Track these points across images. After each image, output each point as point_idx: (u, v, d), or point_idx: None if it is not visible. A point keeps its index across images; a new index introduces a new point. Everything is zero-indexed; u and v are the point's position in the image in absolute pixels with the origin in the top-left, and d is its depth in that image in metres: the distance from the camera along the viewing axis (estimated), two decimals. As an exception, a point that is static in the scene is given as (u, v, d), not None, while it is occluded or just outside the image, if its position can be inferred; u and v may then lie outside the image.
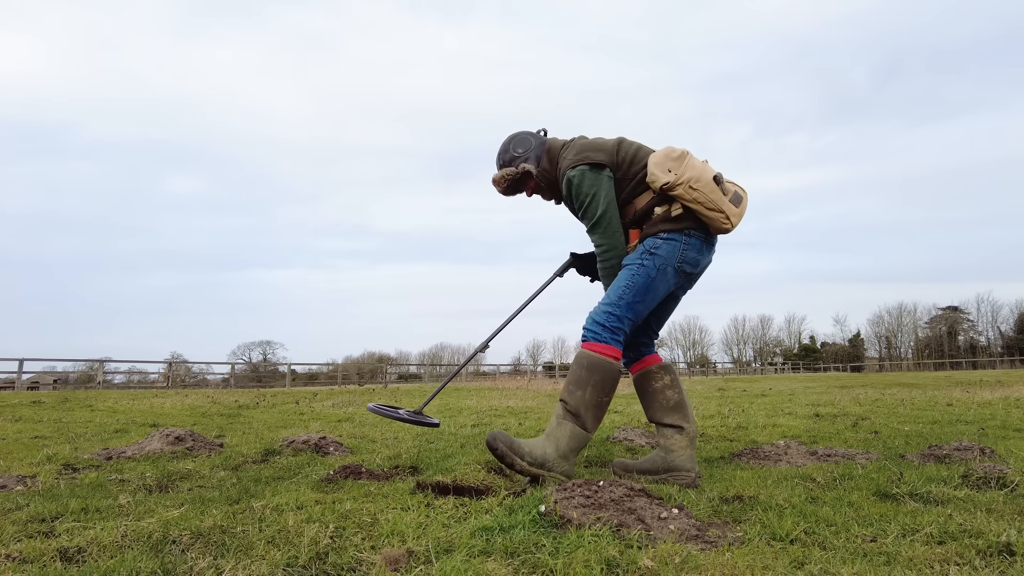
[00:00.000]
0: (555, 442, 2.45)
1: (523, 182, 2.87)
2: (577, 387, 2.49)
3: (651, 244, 2.58)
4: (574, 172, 2.63)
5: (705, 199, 2.52)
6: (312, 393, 12.72)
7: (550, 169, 2.80)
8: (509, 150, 2.85)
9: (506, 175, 2.83)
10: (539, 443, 2.46)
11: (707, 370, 53.24)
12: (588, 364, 2.51)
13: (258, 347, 57.53)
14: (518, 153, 2.83)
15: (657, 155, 2.60)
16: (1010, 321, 60.82)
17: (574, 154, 2.69)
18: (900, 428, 4.46)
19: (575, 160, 2.66)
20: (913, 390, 10.69)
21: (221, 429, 5.14)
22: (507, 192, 2.90)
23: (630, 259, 2.63)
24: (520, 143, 2.85)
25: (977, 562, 1.48)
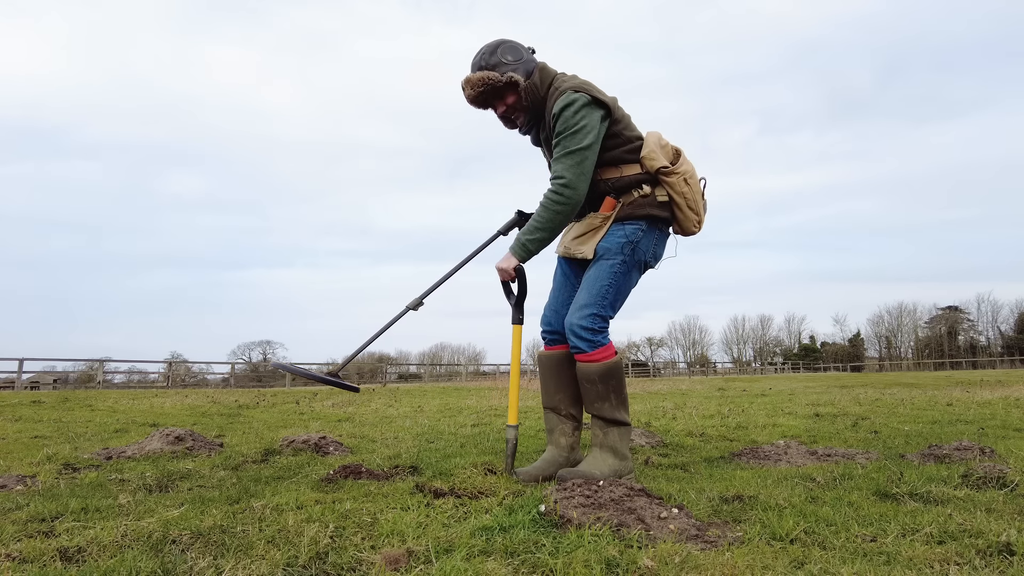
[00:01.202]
0: (611, 450, 2.47)
1: (500, 94, 2.53)
2: (602, 400, 2.48)
3: (632, 234, 2.51)
4: (576, 95, 2.42)
5: (692, 197, 2.54)
6: (312, 393, 12.72)
7: (540, 87, 2.53)
8: (496, 54, 2.52)
9: (487, 78, 2.47)
10: (597, 459, 2.45)
11: (707, 370, 53.25)
12: (599, 376, 2.47)
13: (258, 347, 57.57)
14: (507, 60, 2.51)
15: (655, 135, 2.57)
16: (1010, 321, 60.86)
17: (579, 82, 2.50)
18: (900, 428, 4.46)
19: (580, 86, 2.46)
20: (913, 390, 10.69)
21: (221, 429, 5.14)
22: (476, 100, 2.55)
23: (609, 251, 2.51)
24: (511, 51, 2.53)
25: (977, 562, 1.48)
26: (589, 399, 2.51)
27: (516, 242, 2.50)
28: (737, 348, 67.52)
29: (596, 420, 2.51)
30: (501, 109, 2.58)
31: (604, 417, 2.48)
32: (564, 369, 2.66)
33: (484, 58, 2.53)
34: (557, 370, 2.68)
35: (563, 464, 2.61)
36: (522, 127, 2.63)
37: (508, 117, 2.61)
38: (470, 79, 2.51)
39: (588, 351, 2.47)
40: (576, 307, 2.51)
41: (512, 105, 2.55)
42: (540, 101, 2.54)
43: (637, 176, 2.52)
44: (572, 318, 2.50)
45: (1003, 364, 51.72)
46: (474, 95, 2.53)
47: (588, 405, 2.52)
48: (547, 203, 2.43)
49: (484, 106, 2.60)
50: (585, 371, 2.49)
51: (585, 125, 2.40)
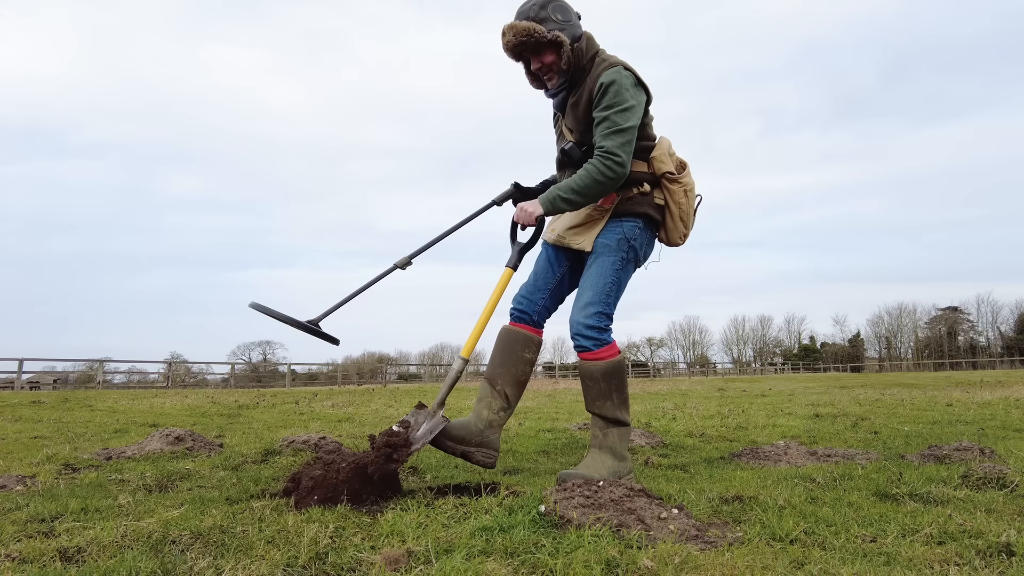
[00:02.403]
0: (610, 451, 2.45)
1: (540, 50, 2.44)
2: (604, 399, 2.47)
3: (630, 231, 2.52)
4: (627, 72, 2.42)
5: (686, 210, 2.59)
6: (312, 393, 12.72)
7: (584, 55, 2.48)
8: (547, 8, 2.42)
9: (534, 30, 2.38)
10: (595, 460, 2.42)
11: (707, 370, 53.25)
12: (603, 374, 2.47)
13: (258, 347, 57.55)
14: (556, 18, 2.42)
15: (668, 143, 2.60)
16: (1010, 321, 60.85)
17: (625, 62, 2.48)
18: (900, 428, 4.46)
19: (628, 65, 2.45)
20: (913, 390, 10.69)
21: (221, 429, 5.14)
22: (514, 49, 2.46)
23: (608, 247, 2.51)
24: (561, 9, 2.44)
25: (977, 562, 1.48)
26: (591, 397, 2.49)
27: (548, 195, 2.43)
28: (737, 348, 67.56)
29: (596, 420, 2.50)
30: (536, 65, 2.50)
31: (605, 416, 2.47)
32: (517, 348, 2.61)
33: (533, 9, 2.43)
34: (511, 347, 2.62)
35: (473, 434, 2.46)
36: (552, 88, 2.56)
37: (537, 74, 2.54)
38: (515, 26, 2.41)
39: (594, 349, 2.46)
40: (581, 306, 2.48)
41: (548, 65, 2.48)
42: (580, 69, 2.49)
43: (642, 174, 2.53)
44: (578, 317, 2.48)
45: (1003, 365, 51.72)
46: (515, 43, 2.43)
47: (590, 403, 2.51)
48: (594, 172, 2.38)
49: (518, 57, 2.52)
50: (589, 369, 2.48)
51: (634, 105, 2.40)
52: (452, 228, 2.65)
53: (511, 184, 2.70)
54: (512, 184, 2.70)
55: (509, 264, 2.59)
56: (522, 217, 2.48)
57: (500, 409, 2.53)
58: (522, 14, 2.44)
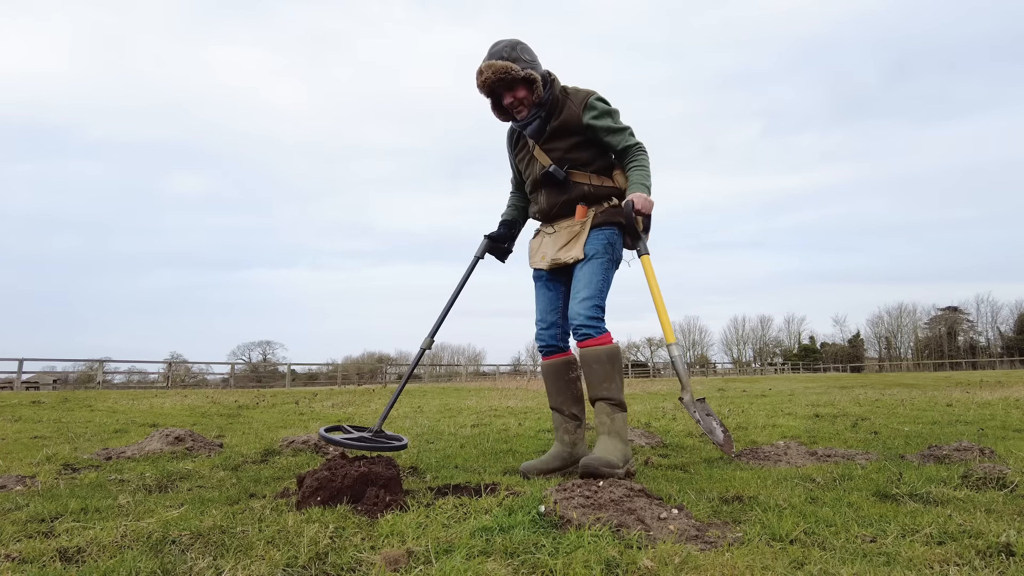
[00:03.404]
0: (618, 436, 2.65)
1: (512, 86, 2.73)
2: (609, 381, 2.70)
3: (611, 237, 2.82)
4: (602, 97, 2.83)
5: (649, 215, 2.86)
6: (312, 393, 12.72)
7: (554, 88, 2.81)
8: (516, 50, 2.72)
9: (511, 68, 2.67)
10: (607, 445, 2.61)
11: (707, 370, 53.26)
12: (607, 357, 2.71)
13: (258, 347, 57.53)
14: (525, 58, 2.73)
15: None
16: (1010, 322, 60.86)
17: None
18: (900, 428, 4.46)
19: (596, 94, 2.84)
20: (913, 390, 10.69)
21: (221, 429, 5.14)
22: (490, 86, 2.74)
23: (597, 251, 2.78)
24: (527, 51, 2.76)
25: (977, 562, 1.48)
26: (597, 380, 2.70)
27: (643, 187, 2.74)
28: (737, 349, 67.57)
29: (603, 405, 2.69)
30: (508, 100, 2.77)
31: (611, 398, 2.68)
32: (563, 374, 2.93)
33: (506, 51, 2.71)
34: (557, 376, 2.94)
35: (566, 459, 2.81)
36: (521, 119, 2.84)
37: (507, 108, 2.80)
38: (494, 65, 2.68)
39: (596, 336, 2.72)
40: (579, 300, 2.73)
41: (520, 99, 2.76)
42: (553, 100, 2.80)
43: (610, 188, 2.86)
44: (578, 308, 2.72)
45: (1003, 365, 51.74)
46: (493, 79, 2.70)
47: (596, 388, 2.71)
48: (645, 157, 2.82)
49: (491, 93, 2.80)
50: (594, 354, 2.71)
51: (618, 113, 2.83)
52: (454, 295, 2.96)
53: (483, 238, 3.07)
54: (484, 237, 3.07)
55: (645, 252, 2.82)
56: (647, 206, 2.73)
57: (576, 428, 2.88)
58: (496, 55, 2.71)
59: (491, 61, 2.69)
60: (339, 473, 2.12)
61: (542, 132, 2.85)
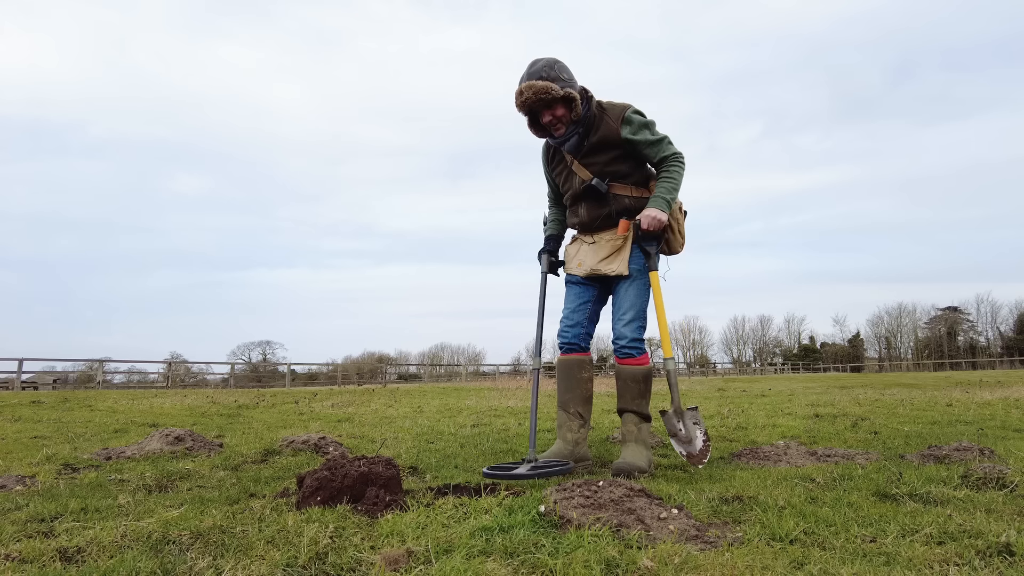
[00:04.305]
0: (643, 444, 2.87)
1: (551, 104, 2.77)
2: (641, 398, 2.92)
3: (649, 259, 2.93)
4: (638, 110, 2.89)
5: (681, 223, 3.04)
6: (312, 393, 12.72)
7: (590, 107, 2.85)
8: (554, 69, 2.75)
9: (551, 88, 2.69)
10: (636, 451, 2.79)
11: (707, 370, 53.25)
12: (643, 377, 2.93)
13: (258, 347, 57.58)
14: (564, 77, 2.76)
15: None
16: (1009, 321, 60.87)
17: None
18: (900, 428, 4.46)
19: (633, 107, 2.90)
20: (913, 390, 10.69)
21: (221, 429, 5.14)
22: (529, 105, 2.77)
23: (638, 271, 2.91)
24: (565, 69, 2.79)
25: (977, 562, 1.48)
26: (631, 396, 2.91)
27: (660, 201, 2.81)
28: (737, 348, 67.59)
29: (631, 416, 2.90)
30: (547, 118, 2.81)
31: (641, 412, 2.90)
32: (575, 373, 3.03)
33: (545, 70, 2.74)
34: (569, 374, 3.03)
35: (567, 456, 2.89)
36: (559, 136, 2.89)
37: (546, 125, 2.85)
38: (533, 85, 2.70)
39: (638, 356, 2.91)
40: (626, 321, 2.89)
41: (559, 117, 2.80)
42: (590, 116, 2.85)
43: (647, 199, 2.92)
44: (624, 330, 2.89)
45: (1003, 365, 51.73)
46: (533, 99, 2.73)
47: (629, 402, 2.91)
48: (678, 168, 2.87)
49: (531, 112, 2.84)
50: (633, 373, 2.91)
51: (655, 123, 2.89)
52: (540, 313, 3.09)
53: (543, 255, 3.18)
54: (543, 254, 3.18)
55: (653, 268, 2.91)
56: (655, 224, 2.78)
57: (579, 427, 2.98)
58: (535, 75, 2.74)
59: (531, 82, 2.72)
60: (339, 473, 2.12)
61: (581, 147, 2.91)
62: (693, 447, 2.77)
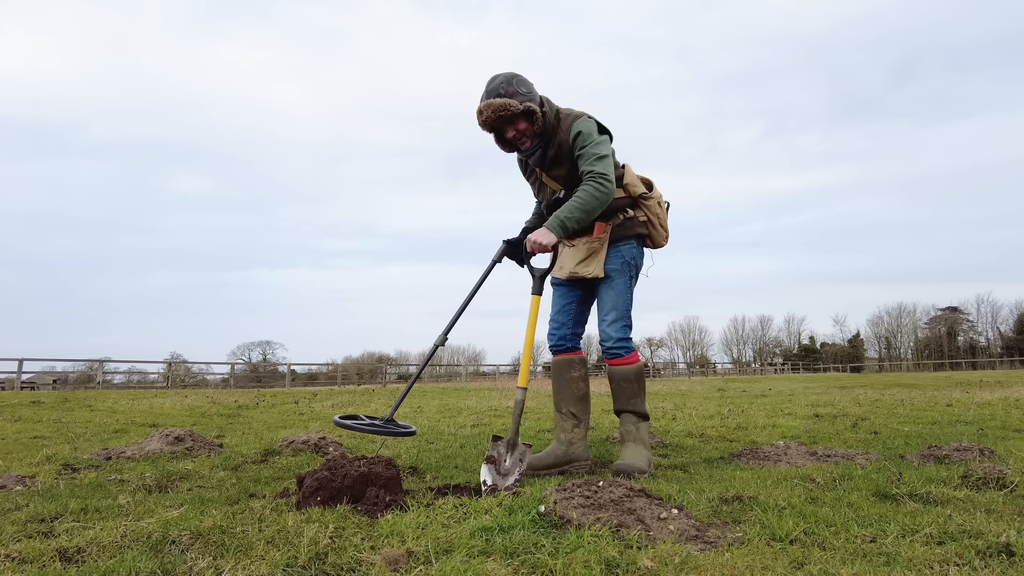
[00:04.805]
0: (643, 443, 2.88)
1: (512, 120, 2.74)
2: (636, 397, 2.92)
3: (628, 254, 2.95)
4: (590, 119, 2.82)
5: (663, 217, 3.05)
6: (312, 393, 12.72)
7: (549, 116, 2.82)
8: (512, 84, 2.73)
9: (509, 105, 2.67)
10: (635, 452, 2.80)
11: (707, 370, 53.24)
12: (635, 376, 2.93)
13: (258, 347, 57.58)
14: (522, 91, 2.73)
15: (631, 168, 3.03)
16: (1010, 322, 60.87)
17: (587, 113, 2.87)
18: (900, 429, 4.46)
19: (590, 116, 2.85)
20: (913, 391, 10.69)
21: (221, 429, 5.14)
22: (490, 124, 2.75)
23: (616, 268, 2.92)
24: (523, 83, 2.77)
25: (977, 562, 1.48)
26: (626, 396, 2.91)
27: (555, 220, 2.67)
28: (737, 349, 67.59)
29: (629, 416, 2.91)
30: (511, 134, 2.79)
31: (638, 411, 2.91)
32: (564, 372, 3.05)
33: (503, 86, 2.72)
34: (559, 373, 3.06)
35: (560, 457, 2.91)
36: (525, 150, 2.86)
37: (512, 141, 2.82)
38: (491, 104, 2.68)
39: (626, 355, 2.92)
40: (609, 321, 2.90)
41: (522, 131, 2.78)
42: (550, 128, 2.83)
43: (622, 200, 2.95)
44: (610, 330, 2.89)
45: (1003, 365, 51.72)
46: (493, 119, 2.71)
47: (625, 403, 2.91)
48: (591, 190, 2.69)
49: (493, 129, 2.82)
50: (624, 373, 2.92)
51: (604, 141, 2.83)
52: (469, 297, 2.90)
53: (502, 242, 3.01)
54: (503, 241, 3.01)
55: (534, 292, 2.77)
56: (536, 247, 2.68)
57: (573, 427, 2.97)
58: (493, 92, 2.72)
59: (489, 100, 2.70)
60: (339, 473, 2.12)
61: (544, 160, 2.92)
62: (503, 482, 2.43)
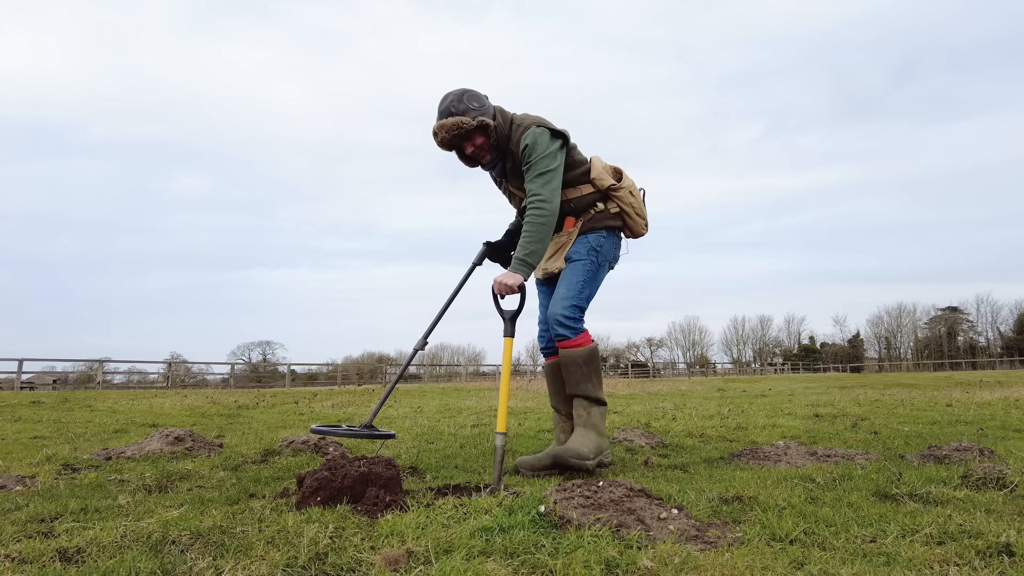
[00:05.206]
0: (594, 428, 2.77)
1: (470, 136, 2.75)
2: (586, 381, 2.80)
3: (595, 241, 2.87)
4: (539, 129, 2.74)
5: (637, 206, 2.95)
6: (312, 393, 12.72)
7: (504, 127, 2.80)
8: (463, 100, 2.74)
9: (460, 123, 2.69)
10: (582, 436, 2.71)
11: (707, 370, 53.26)
12: (583, 359, 2.79)
13: (257, 347, 57.53)
14: (473, 106, 2.73)
15: (599, 159, 2.95)
16: (1009, 322, 60.86)
17: (536, 118, 2.81)
18: (900, 429, 4.46)
19: (539, 121, 2.79)
20: (913, 391, 10.69)
21: (221, 429, 5.14)
22: (448, 144, 2.77)
23: (579, 254, 2.85)
24: (474, 98, 2.77)
25: (977, 562, 1.48)
26: (575, 380, 2.80)
27: (515, 261, 2.68)
28: (737, 349, 67.56)
29: (580, 400, 2.80)
30: (470, 150, 2.81)
31: (588, 396, 2.80)
32: (557, 374, 3.03)
33: (453, 104, 2.73)
34: (553, 376, 3.07)
35: None
36: (487, 163, 2.88)
37: (473, 156, 2.83)
38: (444, 124, 2.71)
39: (572, 337, 2.78)
40: (556, 300, 2.80)
41: (480, 145, 2.79)
42: (505, 139, 2.81)
43: (591, 195, 2.91)
44: (555, 309, 2.78)
45: (1003, 365, 51.74)
46: (448, 139, 2.74)
47: (573, 387, 2.80)
48: (531, 219, 2.69)
49: (452, 148, 2.82)
50: (571, 356, 2.78)
51: (552, 154, 2.74)
52: (450, 299, 2.91)
53: (482, 244, 3.03)
54: (483, 243, 3.02)
55: (506, 334, 2.69)
56: (503, 289, 2.66)
57: (571, 428, 2.95)
58: (444, 112, 2.74)
59: (441, 121, 2.72)
60: (339, 473, 2.12)
61: (505, 171, 2.93)
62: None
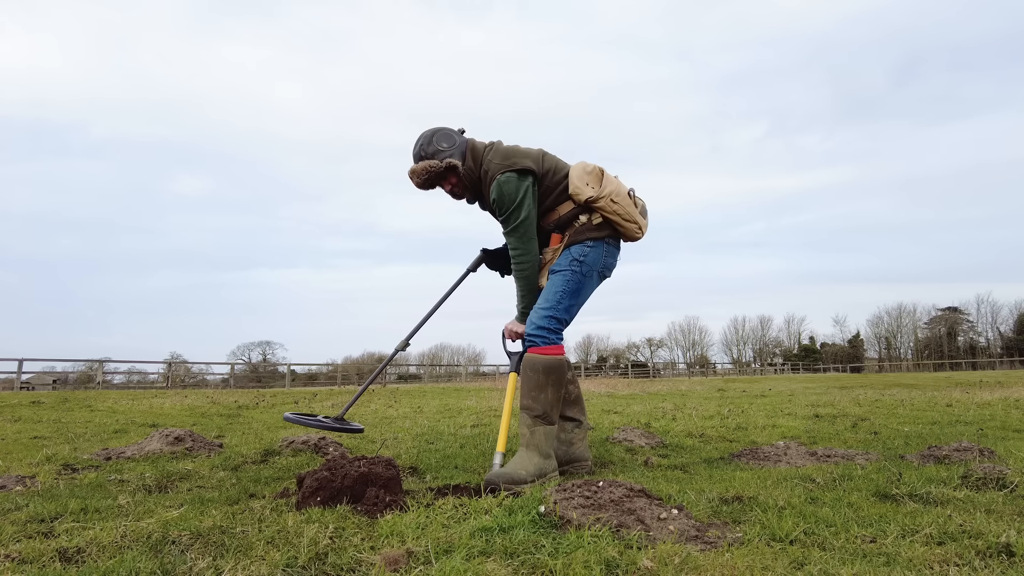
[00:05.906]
0: (536, 450, 2.60)
1: (443, 177, 2.81)
2: (539, 391, 2.65)
3: (578, 252, 2.76)
4: (504, 177, 2.70)
5: (623, 211, 2.78)
6: (312, 393, 12.72)
7: (474, 168, 2.81)
8: (432, 142, 2.77)
9: (429, 167, 2.74)
10: (524, 459, 2.56)
11: (707, 371, 53.25)
12: (544, 367, 2.66)
13: (257, 347, 57.49)
14: (442, 147, 2.77)
15: (576, 170, 2.80)
16: (1009, 322, 60.83)
17: (501, 158, 2.75)
18: (900, 429, 4.46)
19: (503, 165, 2.72)
20: (913, 391, 10.69)
21: (220, 429, 5.14)
22: (424, 186, 2.82)
23: (561, 265, 2.76)
24: (444, 138, 2.79)
25: (977, 563, 1.48)
26: (528, 387, 2.67)
27: (519, 313, 2.88)
28: (737, 349, 67.54)
29: (525, 417, 2.67)
30: (447, 188, 2.86)
31: (535, 412, 2.65)
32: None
33: (423, 148, 2.78)
34: None
35: (561, 457, 2.86)
36: (468, 200, 2.92)
37: (450, 193, 2.89)
38: (414, 169, 2.77)
39: (542, 345, 2.69)
40: (535, 309, 2.76)
41: (455, 185, 2.84)
42: (476, 179, 2.82)
43: (572, 211, 2.81)
44: (532, 318, 2.74)
45: (1002, 365, 51.73)
46: (420, 183, 2.80)
47: (524, 395, 2.68)
48: (516, 274, 2.82)
49: (431, 188, 2.85)
50: (532, 360, 2.68)
51: (520, 202, 2.71)
52: (439, 302, 2.98)
53: (480, 251, 3.06)
54: (480, 250, 3.06)
55: (512, 370, 2.85)
56: (512, 335, 2.86)
57: (573, 428, 2.93)
58: (416, 156, 2.80)
59: (413, 167, 2.78)
60: (339, 473, 2.12)
61: (486, 206, 2.93)
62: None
